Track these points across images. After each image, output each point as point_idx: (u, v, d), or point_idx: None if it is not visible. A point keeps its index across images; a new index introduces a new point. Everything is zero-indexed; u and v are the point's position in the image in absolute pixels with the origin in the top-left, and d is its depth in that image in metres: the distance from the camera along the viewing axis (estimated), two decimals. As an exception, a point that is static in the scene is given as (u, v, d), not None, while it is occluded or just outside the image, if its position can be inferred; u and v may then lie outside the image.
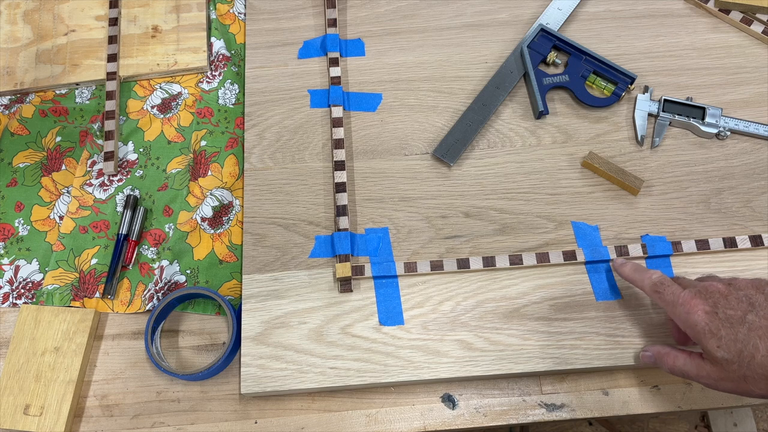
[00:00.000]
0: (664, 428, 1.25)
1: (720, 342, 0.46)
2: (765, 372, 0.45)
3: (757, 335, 0.45)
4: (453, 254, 0.62)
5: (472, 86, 0.71)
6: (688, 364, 0.50)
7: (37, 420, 0.57)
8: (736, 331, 0.46)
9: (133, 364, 0.60)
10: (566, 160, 0.67)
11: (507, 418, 0.57)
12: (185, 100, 0.73)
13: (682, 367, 0.50)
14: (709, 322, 0.47)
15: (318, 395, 0.59)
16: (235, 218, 0.66)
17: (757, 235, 0.61)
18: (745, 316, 0.46)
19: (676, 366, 0.51)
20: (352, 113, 0.70)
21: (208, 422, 0.58)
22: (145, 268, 0.64)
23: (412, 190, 0.65)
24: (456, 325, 0.59)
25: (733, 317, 0.46)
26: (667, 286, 0.51)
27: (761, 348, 0.45)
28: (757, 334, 0.45)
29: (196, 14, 0.77)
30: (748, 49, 0.72)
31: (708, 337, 0.47)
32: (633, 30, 0.74)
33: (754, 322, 0.46)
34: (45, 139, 0.71)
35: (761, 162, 0.66)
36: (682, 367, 0.50)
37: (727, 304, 0.47)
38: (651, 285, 0.52)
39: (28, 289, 0.64)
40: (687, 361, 0.50)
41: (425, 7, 0.76)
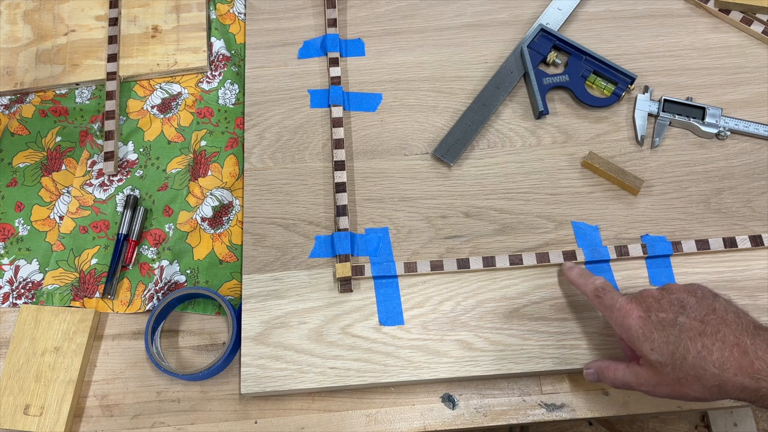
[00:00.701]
0: (664, 428, 1.25)
1: (653, 345, 0.47)
2: (697, 373, 0.45)
3: (687, 336, 0.46)
4: (453, 254, 0.62)
5: (472, 86, 0.71)
6: (627, 374, 0.50)
7: (37, 420, 0.57)
8: (668, 334, 0.47)
9: (133, 364, 0.60)
10: (566, 160, 0.67)
11: (507, 418, 0.57)
12: (185, 100, 0.73)
13: (622, 377, 0.51)
14: (643, 325, 0.48)
15: (318, 395, 0.59)
16: (235, 218, 0.66)
17: (757, 235, 0.61)
18: (677, 319, 0.47)
19: (617, 378, 0.51)
20: (352, 113, 0.70)
21: (208, 422, 0.58)
22: (145, 268, 0.64)
23: (412, 190, 0.65)
24: (456, 325, 0.59)
25: (665, 320, 0.47)
26: (607, 292, 0.52)
27: (692, 349, 0.45)
28: (687, 335, 0.46)
29: (196, 14, 0.77)
30: (748, 49, 0.72)
31: (642, 341, 0.48)
32: (633, 30, 0.74)
33: (685, 324, 0.46)
34: (45, 139, 0.71)
35: (761, 162, 0.66)
36: (623, 378, 0.51)
37: (659, 307, 0.48)
38: (593, 290, 0.54)
39: (28, 289, 0.64)
40: (626, 371, 0.51)
41: (425, 7, 0.76)
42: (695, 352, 0.45)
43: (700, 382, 0.45)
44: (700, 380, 0.45)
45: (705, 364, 0.44)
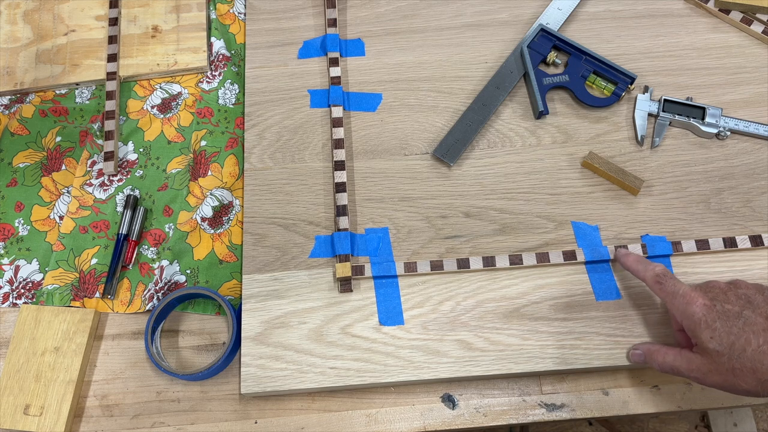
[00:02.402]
0: (664, 428, 1.25)
1: (714, 333, 0.48)
2: (754, 366, 0.46)
3: (751, 330, 0.46)
4: (453, 254, 0.62)
5: (472, 86, 0.71)
6: (678, 359, 0.51)
7: (37, 420, 0.57)
8: (731, 325, 0.47)
9: (133, 364, 0.60)
10: (566, 160, 0.67)
11: (507, 418, 0.57)
12: (185, 100, 0.73)
13: (672, 362, 0.51)
14: (707, 313, 0.48)
15: (318, 395, 0.59)
16: (235, 218, 0.66)
17: (757, 235, 0.61)
18: (742, 312, 0.48)
19: (666, 362, 0.52)
20: (352, 113, 0.70)
21: (208, 422, 0.58)
22: (145, 268, 0.64)
23: (412, 190, 0.65)
24: (456, 325, 0.59)
25: (730, 311, 0.48)
26: (668, 278, 0.52)
27: (753, 342, 0.46)
28: (752, 329, 0.46)
29: (196, 14, 0.77)
30: (748, 49, 0.72)
31: (703, 328, 0.48)
32: (633, 30, 0.74)
33: (750, 318, 0.47)
34: (45, 139, 0.71)
35: (761, 162, 0.66)
36: (672, 363, 0.51)
37: (725, 299, 0.49)
38: (653, 276, 0.54)
39: (28, 289, 0.64)
40: (677, 357, 0.51)
41: (425, 7, 0.76)
42: (756, 345, 0.46)
43: (755, 375, 0.46)
44: (756, 373, 0.46)
45: (764, 358, 0.45)
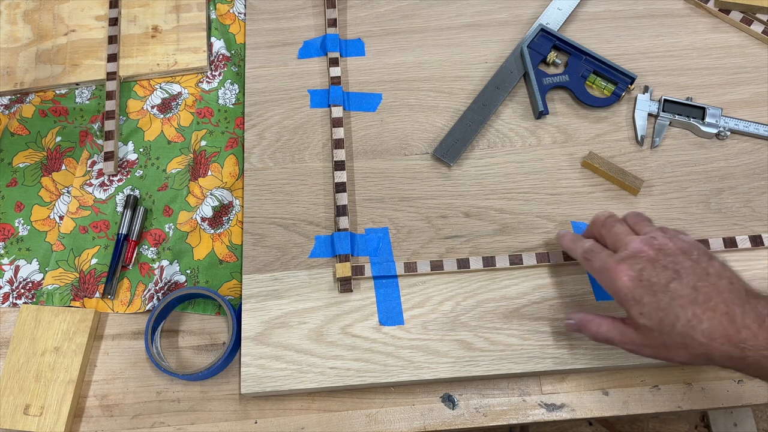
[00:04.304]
0: (664, 428, 1.25)
1: (643, 309, 0.47)
2: (684, 341, 0.45)
3: (678, 304, 0.45)
4: (453, 254, 0.62)
5: (472, 86, 0.71)
6: (612, 330, 0.50)
7: (37, 420, 0.57)
8: (659, 299, 0.46)
9: (133, 364, 0.60)
10: (566, 160, 0.67)
11: (507, 418, 0.57)
12: (185, 100, 0.73)
13: (606, 333, 0.50)
14: (634, 288, 0.47)
15: (318, 395, 0.59)
16: (235, 218, 0.66)
17: (757, 235, 0.61)
18: (669, 284, 0.46)
19: (600, 332, 0.51)
20: (352, 113, 0.70)
21: (208, 422, 0.58)
22: (145, 268, 0.64)
23: (412, 190, 0.65)
24: (456, 325, 0.59)
25: (656, 285, 0.47)
26: (596, 254, 0.51)
27: (681, 317, 0.45)
28: (678, 303, 0.45)
29: (196, 14, 0.77)
30: (748, 49, 0.72)
31: (632, 304, 0.47)
32: (633, 30, 0.74)
33: (677, 291, 0.46)
34: (45, 139, 0.71)
35: (761, 162, 0.66)
36: (606, 334, 0.50)
37: (652, 270, 0.47)
38: (582, 253, 0.53)
39: (28, 289, 0.64)
40: (611, 327, 0.50)
41: (425, 7, 0.76)
42: (685, 320, 0.45)
43: (687, 349, 0.45)
44: (687, 348, 0.45)
45: (694, 332, 0.45)
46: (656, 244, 0.49)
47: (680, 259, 0.47)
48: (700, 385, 0.58)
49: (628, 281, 0.47)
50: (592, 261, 0.51)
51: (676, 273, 0.47)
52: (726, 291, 0.45)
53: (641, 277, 0.47)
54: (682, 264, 0.47)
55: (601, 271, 0.50)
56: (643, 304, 0.47)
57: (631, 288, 0.47)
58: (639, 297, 0.47)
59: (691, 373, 0.58)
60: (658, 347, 0.47)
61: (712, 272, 0.47)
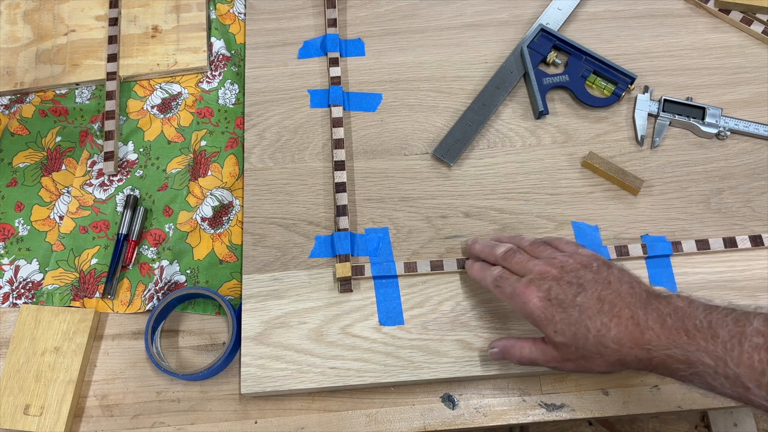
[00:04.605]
0: (664, 428, 1.25)
1: (556, 327, 0.48)
2: (597, 350, 0.46)
3: (587, 316, 0.47)
4: (453, 254, 0.62)
5: (472, 86, 0.71)
6: (534, 352, 0.51)
7: (37, 420, 0.57)
8: (569, 314, 0.47)
9: (133, 364, 0.60)
10: (566, 160, 0.67)
11: (507, 418, 0.57)
12: (185, 100, 0.73)
13: (529, 355, 0.51)
14: (544, 308, 0.48)
15: (318, 395, 0.59)
16: (235, 218, 0.66)
17: (757, 235, 0.61)
18: (575, 299, 0.48)
19: (524, 355, 0.52)
20: (352, 113, 0.70)
21: (208, 422, 0.58)
22: (145, 268, 0.64)
23: (412, 190, 0.65)
24: (456, 325, 0.59)
25: (564, 301, 0.48)
26: (504, 280, 0.52)
27: (592, 328, 0.46)
28: (587, 315, 0.47)
29: (196, 14, 0.77)
30: (748, 49, 0.72)
31: (545, 324, 0.48)
32: (633, 30, 0.74)
33: (584, 303, 0.47)
34: (45, 139, 0.71)
35: (761, 162, 0.66)
36: (530, 356, 0.51)
37: (559, 288, 0.48)
38: (492, 281, 0.54)
39: (28, 289, 0.64)
40: (533, 349, 0.51)
41: (425, 7, 0.76)
42: (595, 330, 0.46)
43: (603, 357, 0.46)
44: (602, 356, 0.46)
45: (605, 341, 0.46)
46: (557, 263, 0.50)
47: (582, 272, 0.49)
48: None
49: (538, 302, 0.49)
50: (503, 287, 0.52)
51: (580, 287, 0.48)
52: (628, 295, 0.47)
53: (549, 296, 0.49)
54: (584, 277, 0.49)
55: (513, 296, 0.51)
56: (556, 321, 0.48)
57: (541, 308, 0.48)
58: (551, 315, 0.48)
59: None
60: (577, 360, 0.48)
61: (613, 280, 0.48)
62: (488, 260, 0.57)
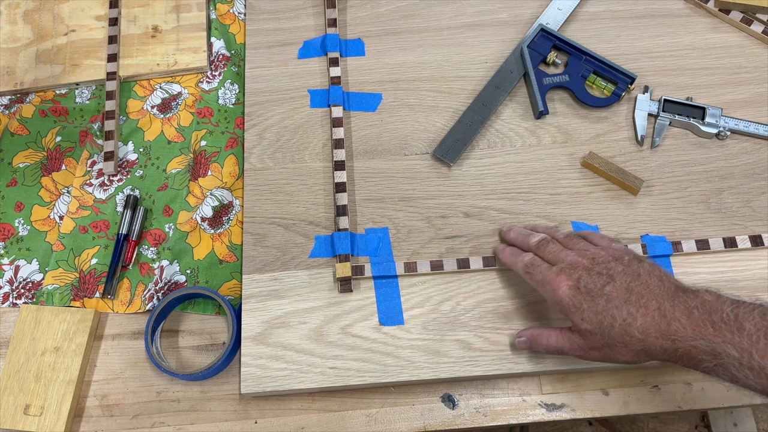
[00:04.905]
0: (664, 428, 1.25)
1: (583, 315, 0.49)
2: (623, 339, 0.47)
3: (614, 305, 0.48)
4: (453, 254, 0.62)
5: (472, 86, 0.71)
6: (561, 340, 0.52)
7: (37, 420, 0.57)
8: (596, 303, 0.48)
9: (133, 364, 0.60)
10: (566, 160, 0.67)
11: (507, 418, 0.57)
12: (185, 100, 0.73)
13: (556, 344, 0.52)
14: (573, 296, 0.50)
15: (318, 395, 0.59)
16: (235, 218, 0.66)
17: (757, 235, 0.61)
18: (604, 288, 0.49)
19: (550, 344, 0.53)
20: (352, 113, 0.70)
21: (208, 422, 0.58)
22: (145, 268, 0.64)
23: (412, 190, 0.65)
24: (456, 325, 0.59)
25: (593, 290, 0.49)
26: (536, 267, 0.54)
27: (618, 317, 0.47)
28: (614, 304, 0.48)
29: (196, 14, 0.77)
30: (748, 49, 0.72)
31: (573, 311, 0.49)
32: (633, 30, 0.74)
33: (612, 293, 0.48)
34: (45, 139, 0.71)
35: (761, 162, 0.66)
36: (556, 344, 0.52)
37: (588, 278, 0.50)
38: (523, 266, 0.55)
39: (28, 289, 0.64)
40: (559, 338, 0.52)
41: (425, 7, 0.76)
42: (621, 319, 0.47)
43: (627, 347, 0.47)
44: (627, 345, 0.47)
45: (630, 330, 0.47)
46: (589, 254, 0.52)
47: (612, 264, 0.50)
48: (700, 385, 0.58)
49: (567, 290, 0.50)
50: (534, 274, 0.53)
51: (609, 277, 0.49)
52: (656, 288, 0.48)
53: (579, 285, 0.50)
54: (614, 269, 0.50)
55: (543, 283, 0.52)
56: (583, 309, 0.49)
57: (570, 296, 0.50)
58: (578, 304, 0.49)
59: (691, 373, 0.58)
60: (602, 349, 0.49)
61: (643, 272, 0.49)
62: (521, 247, 0.58)
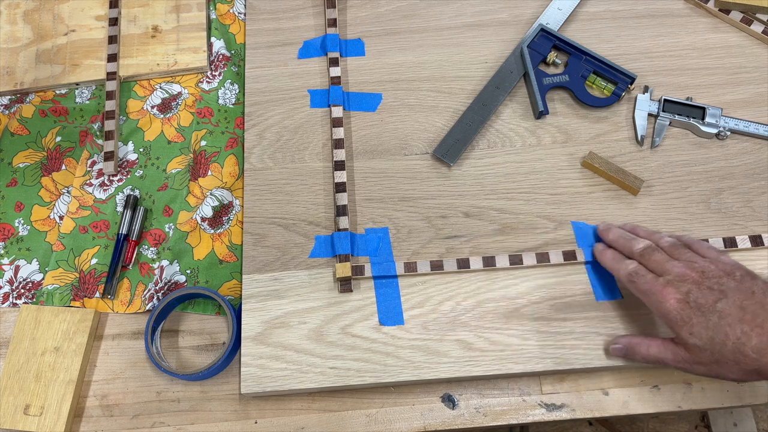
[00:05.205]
0: (664, 428, 1.25)
1: (692, 329, 0.48)
2: (735, 358, 0.46)
3: (727, 323, 0.47)
4: (453, 254, 0.62)
5: (472, 86, 0.71)
6: (663, 351, 0.51)
7: (37, 420, 0.57)
8: (707, 319, 0.48)
9: (133, 364, 0.60)
10: (566, 160, 0.67)
11: (507, 418, 0.57)
12: (185, 100, 0.73)
13: (657, 354, 0.52)
14: (681, 310, 0.49)
15: (318, 395, 0.59)
16: (235, 218, 0.66)
17: (757, 235, 0.61)
18: (716, 304, 0.48)
19: (650, 354, 0.52)
20: (352, 113, 0.70)
21: (208, 422, 0.58)
22: (145, 268, 0.64)
23: (412, 190, 0.65)
24: (456, 325, 0.59)
25: (704, 306, 0.48)
26: (641, 276, 0.53)
27: (731, 335, 0.46)
28: (727, 321, 0.47)
29: (196, 14, 0.77)
30: (748, 49, 0.72)
31: (681, 325, 0.49)
32: (633, 30, 0.74)
33: (724, 310, 0.47)
34: (45, 139, 0.71)
35: (761, 162, 0.66)
36: (657, 355, 0.52)
37: (698, 292, 0.49)
38: (626, 275, 0.54)
39: (28, 289, 0.64)
40: (661, 349, 0.51)
41: (425, 7, 0.76)
42: (734, 338, 0.46)
43: (739, 365, 0.47)
44: (739, 364, 0.46)
45: (744, 349, 0.46)
46: (698, 267, 0.51)
47: (724, 280, 0.49)
48: (700, 385, 0.58)
49: (675, 303, 0.49)
50: (638, 283, 0.53)
51: (722, 293, 0.48)
52: None
53: (688, 299, 0.49)
54: (727, 285, 0.49)
55: (648, 294, 0.51)
56: (692, 324, 0.48)
57: (678, 309, 0.49)
58: (687, 318, 0.48)
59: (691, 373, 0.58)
60: (710, 365, 0.48)
61: (757, 291, 0.48)
62: (623, 252, 0.57)
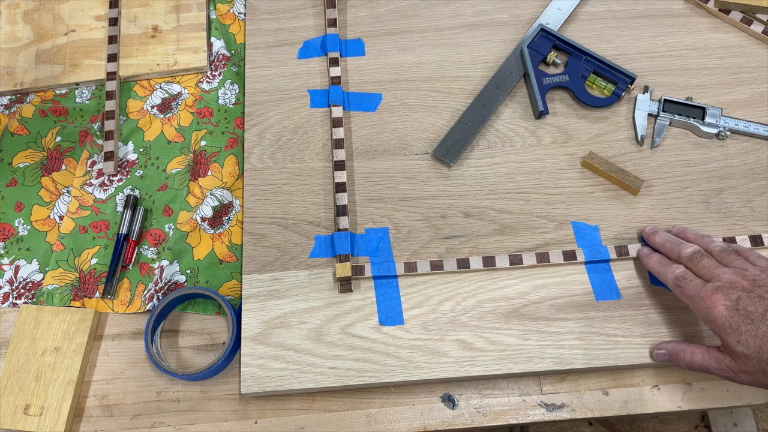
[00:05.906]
0: (664, 428, 1.25)
1: (740, 337, 0.47)
2: None
3: None
4: (453, 254, 0.62)
5: (472, 86, 0.71)
6: (707, 359, 0.51)
7: (37, 420, 0.57)
8: (757, 327, 0.47)
9: (133, 364, 0.60)
10: (566, 160, 0.67)
11: (507, 418, 0.57)
12: (185, 100, 0.73)
13: (701, 361, 0.51)
14: (730, 317, 0.48)
15: (318, 395, 0.59)
16: (235, 218, 0.66)
17: (757, 235, 0.61)
18: (766, 314, 0.47)
19: (694, 361, 0.52)
20: (352, 113, 0.70)
21: (208, 422, 0.58)
22: (145, 268, 0.64)
23: (412, 190, 0.65)
24: (456, 325, 0.59)
25: (753, 314, 0.48)
26: (688, 281, 0.52)
27: None
28: None
29: (196, 14, 0.77)
30: (748, 49, 0.72)
31: (728, 332, 0.48)
32: (633, 30, 0.74)
33: None
34: (45, 139, 0.71)
35: (761, 162, 0.66)
36: (701, 362, 0.51)
37: (749, 300, 0.48)
38: (673, 279, 0.54)
39: (28, 289, 0.64)
40: (705, 356, 0.51)
41: (425, 7, 0.76)
42: None
43: None
44: None
45: None
46: (749, 275, 0.50)
47: None
48: (700, 385, 0.58)
49: (724, 310, 0.49)
50: (685, 288, 0.52)
51: None
52: None
53: (737, 306, 0.48)
54: None
55: (695, 299, 0.51)
56: (741, 332, 0.48)
57: (727, 316, 0.48)
58: (736, 325, 0.48)
59: (691, 373, 0.58)
60: (756, 374, 0.48)
61: None
62: (670, 256, 0.56)
